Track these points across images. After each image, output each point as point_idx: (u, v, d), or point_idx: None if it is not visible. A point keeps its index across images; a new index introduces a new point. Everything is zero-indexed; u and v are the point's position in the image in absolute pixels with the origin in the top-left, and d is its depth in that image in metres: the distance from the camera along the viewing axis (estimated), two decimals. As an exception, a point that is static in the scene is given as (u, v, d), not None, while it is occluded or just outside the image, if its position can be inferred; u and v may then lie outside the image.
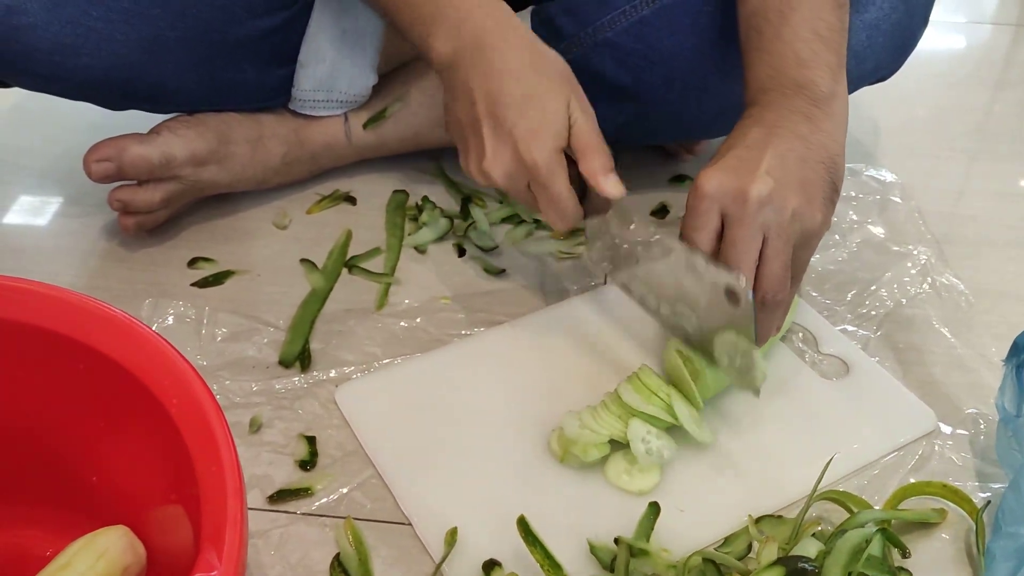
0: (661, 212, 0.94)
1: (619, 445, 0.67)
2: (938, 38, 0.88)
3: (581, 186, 0.72)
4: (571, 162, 0.71)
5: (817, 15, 0.69)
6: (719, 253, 0.65)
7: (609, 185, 0.69)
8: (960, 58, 1.29)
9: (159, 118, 0.88)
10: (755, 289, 0.64)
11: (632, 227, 0.72)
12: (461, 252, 0.89)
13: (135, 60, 0.80)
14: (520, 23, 0.74)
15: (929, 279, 0.85)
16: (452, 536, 0.63)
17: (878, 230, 0.91)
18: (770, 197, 0.62)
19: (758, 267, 0.63)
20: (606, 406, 0.67)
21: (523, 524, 0.62)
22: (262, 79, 0.88)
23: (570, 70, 0.73)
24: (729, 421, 0.71)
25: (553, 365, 0.75)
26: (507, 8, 0.74)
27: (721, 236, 0.64)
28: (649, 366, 0.69)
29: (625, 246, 0.73)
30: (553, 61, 0.73)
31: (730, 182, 0.63)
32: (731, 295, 0.64)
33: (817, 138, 0.66)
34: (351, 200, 0.95)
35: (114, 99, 0.85)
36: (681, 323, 0.70)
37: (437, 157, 0.98)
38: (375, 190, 0.95)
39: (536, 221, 0.92)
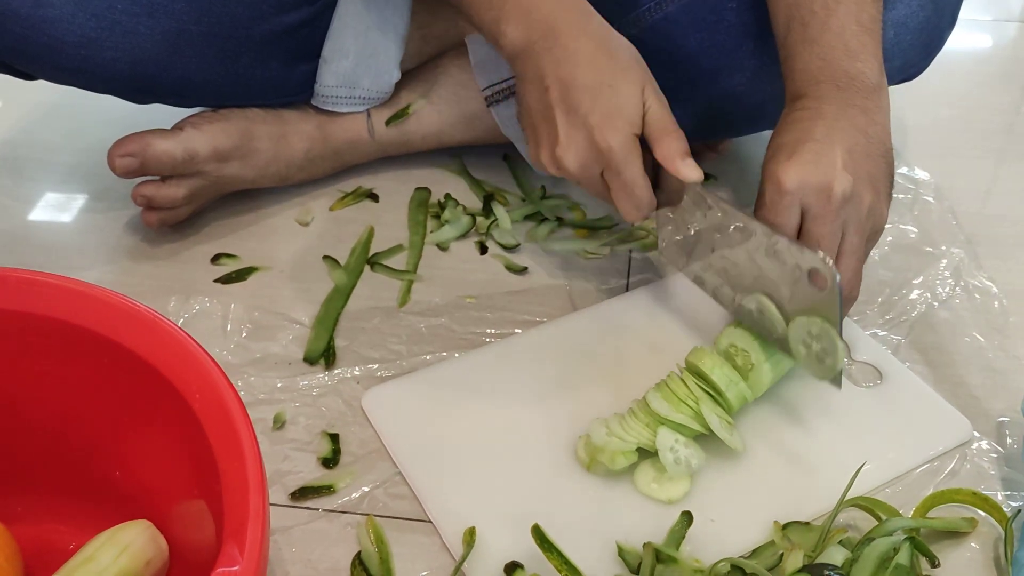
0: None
1: (647, 453, 0.66)
2: (965, 36, 0.87)
3: (653, 175, 0.71)
4: (645, 150, 0.71)
5: (861, 7, 0.69)
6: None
7: (687, 168, 0.69)
8: (987, 57, 1.28)
9: (183, 113, 0.88)
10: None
11: (710, 211, 0.70)
12: (483, 250, 0.88)
13: (159, 54, 0.80)
14: (592, 10, 0.74)
15: (962, 281, 0.84)
16: (470, 536, 0.62)
17: (910, 230, 0.90)
18: (852, 193, 0.64)
19: (835, 262, 0.64)
20: (634, 414, 0.67)
21: (538, 532, 0.61)
22: (286, 75, 0.88)
23: (641, 57, 0.73)
24: (761, 429, 0.70)
25: (581, 370, 0.74)
26: None
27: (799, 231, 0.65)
28: (678, 372, 0.68)
29: (700, 234, 0.72)
30: (625, 48, 0.73)
31: (813, 177, 0.64)
32: (816, 277, 0.64)
33: (875, 132, 0.67)
34: (374, 197, 0.94)
35: (139, 93, 0.85)
36: (757, 312, 0.69)
37: (459, 154, 0.98)
38: (398, 187, 0.95)
39: (559, 219, 0.91)
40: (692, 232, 0.73)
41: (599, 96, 0.69)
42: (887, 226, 0.88)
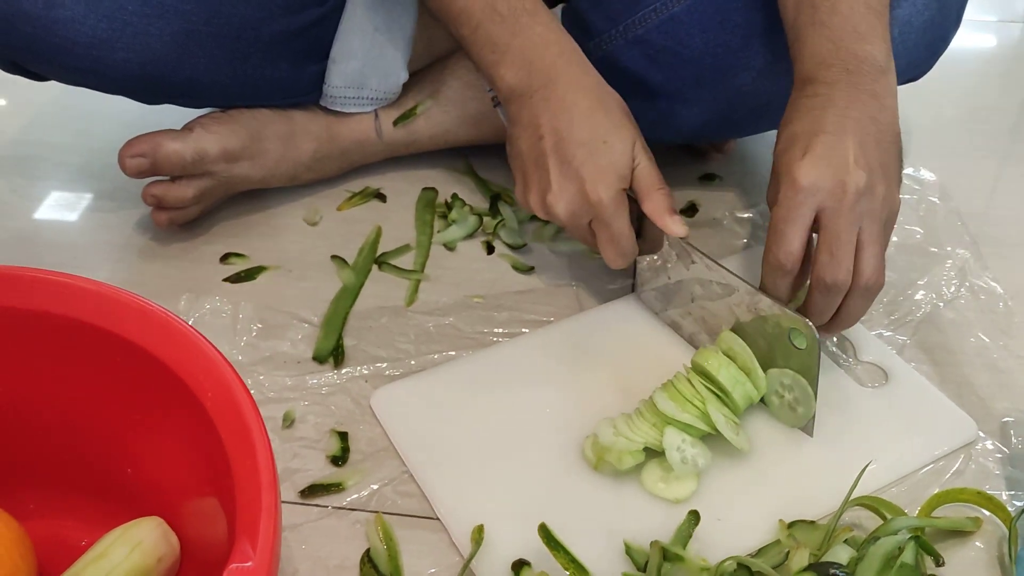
0: (690, 211, 0.94)
1: (654, 453, 0.66)
2: (969, 37, 0.87)
3: (636, 224, 0.75)
4: (630, 201, 0.74)
5: None
6: (814, 246, 0.66)
7: (674, 225, 0.73)
8: (991, 57, 1.28)
9: (192, 114, 0.89)
10: (855, 276, 0.66)
11: (693, 265, 0.74)
12: (490, 249, 0.89)
13: (170, 55, 0.80)
14: (590, 65, 0.77)
15: (967, 282, 0.84)
16: (479, 533, 0.63)
17: (916, 231, 0.90)
18: (866, 187, 0.65)
19: (856, 254, 0.65)
20: (641, 413, 0.67)
21: (544, 531, 0.62)
22: (295, 75, 0.89)
23: (631, 113, 0.76)
24: (767, 429, 0.70)
25: (588, 370, 0.75)
26: (576, 47, 0.77)
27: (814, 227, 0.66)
28: (684, 372, 0.69)
29: (681, 284, 0.75)
30: (618, 104, 0.76)
31: (827, 175, 0.65)
32: (798, 336, 0.66)
33: (885, 117, 0.68)
34: (381, 197, 0.95)
35: (149, 94, 0.86)
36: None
37: (467, 155, 0.98)
38: (405, 187, 0.96)
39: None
40: (673, 281, 0.76)
41: (593, 151, 0.72)
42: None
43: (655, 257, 0.77)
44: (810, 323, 0.65)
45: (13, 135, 1.05)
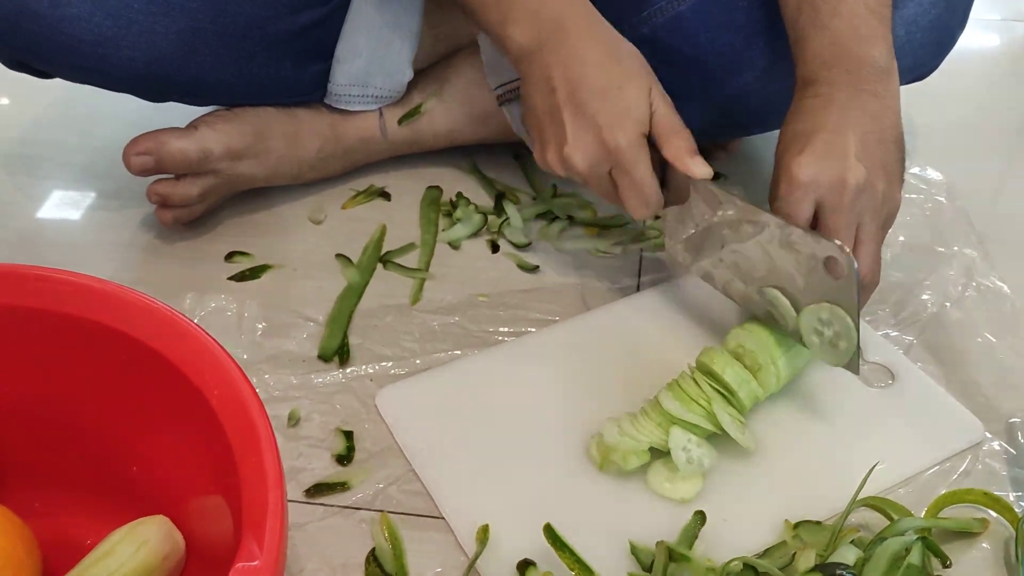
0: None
1: (660, 452, 0.66)
2: (973, 36, 0.87)
3: (660, 174, 0.72)
4: (651, 150, 0.72)
5: None
6: None
7: (697, 166, 0.71)
8: (996, 56, 1.28)
9: (197, 112, 0.89)
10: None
11: (721, 207, 0.71)
12: (495, 248, 0.89)
13: (175, 53, 0.80)
14: (598, 14, 0.75)
15: (974, 282, 0.84)
16: (484, 533, 0.63)
17: (923, 231, 0.90)
18: (865, 184, 0.64)
19: (853, 251, 0.65)
20: (646, 413, 0.67)
21: (550, 531, 0.62)
22: (299, 74, 0.89)
23: (646, 61, 0.74)
24: (773, 429, 0.70)
25: (594, 369, 0.75)
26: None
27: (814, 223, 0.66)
28: (689, 372, 0.69)
29: (710, 230, 0.73)
30: (631, 52, 0.74)
31: (826, 170, 0.65)
32: (832, 265, 0.64)
33: (887, 117, 0.68)
34: (385, 196, 0.95)
35: (154, 92, 0.86)
36: (769, 305, 0.69)
37: (471, 153, 0.98)
38: (409, 186, 0.96)
39: (570, 218, 0.91)
40: (701, 228, 0.74)
41: (607, 97, 0.70)
42: (899, 227, 0.89)
43: (681, 209, 0.74)
44: (847, 249, 0.63)
45: (17, 133, 1.05)
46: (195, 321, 0.56)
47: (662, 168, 0.73)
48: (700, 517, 0.63)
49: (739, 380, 0.67)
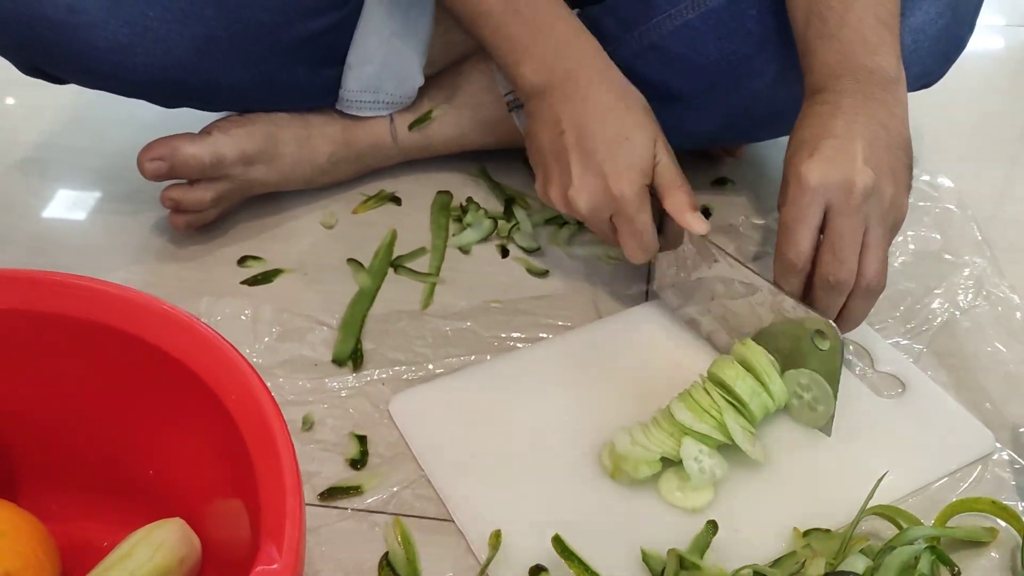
0: (703, 214, 0.94)
1: (671, 462, 0.66)
2: (977, 41, 0.87)
3: (657, 220, 0.75)
4: (651, 197, 0.74)
5: (878, 1, 0.71)
6: (820, 245, 0.67)
7: (696, 223, 0.73)
8: (1001, 62, 1.28)
9: (209, 117, 0.89)
10: (857, 276, 0.66)
11: (715, 263, 0.74)
12: (505, 253, 0.89)
13: (189, 60, 0.81)
14: (609, 60, 0.78)
15: (984, 291, 0.84)
16: (496, 539, 0.63)
17: (933, 239, 0.90)
18: (873, 188, 0.65)
19: (860, 255, 0.66)
20: (658, 423, 0.67)
21: (558, 541, 0.62)
22: (312, 80, 0.89)
23: (651, 111, 0.77)
24: (784, 439, 0.70)
25: (607, 377, 0.75)
26: (597, 44, 0.78)
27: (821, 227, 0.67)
28: (700, 382, 0.69)
29: (702, 281, 0.75)
30: (639, 101, 0.77)
31: (835, 174, 0.65)
32: (821, 338, 0.66)
33: (895, 125, 0.68)
34: (396, 200, 0.95)
35: (168, 98, 0.86)
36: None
37: (481, 158, 0.99)
38: (420, 191, 0.96)
39: (579, 223, 0.92)
40: (693, 278, 0.76)
41: (616, 148, 0.73)
42: (909, 234, 0.90)
43: (674, 254, 0.77)
44: (834, 324, 0.65)
45: (31, 138, 1.05)
46: (211, 325, 0.56)
47: (659, 214, 0.75)
48: (712, 526, 0.64)
49: (750, 392, 0.67)
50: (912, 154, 0.70)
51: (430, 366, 0.77)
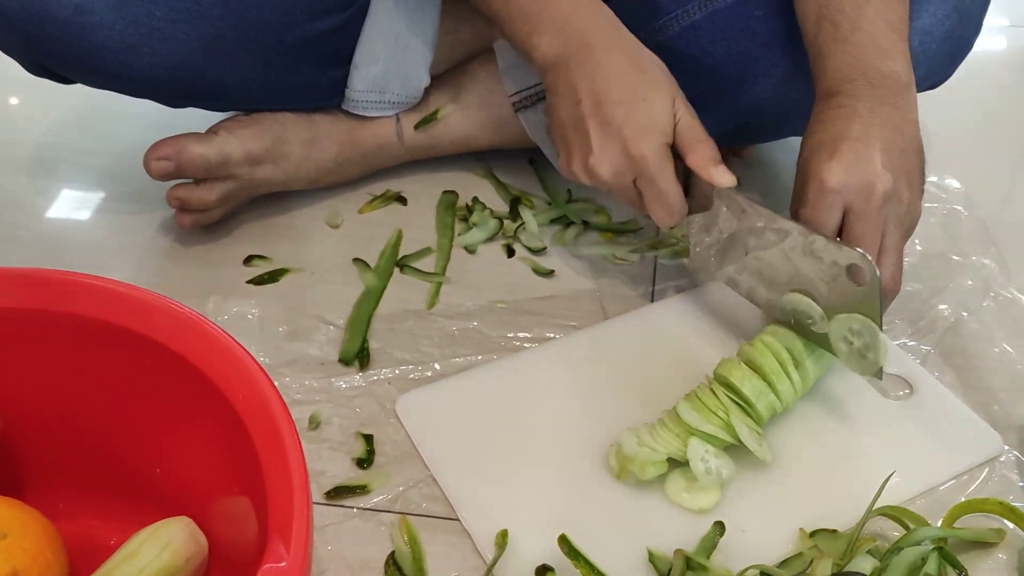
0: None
1: (677, 463, 0.66)
2: (981, 41, 0.87)
3: (684, 181, 0.74)
4: (674, 159, 0.73)
5: (888, 6, 0.71)
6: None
7: (720, 175, 0.72)
8: (1005, 62, 1.27)
9: (215, 117, 0.90)
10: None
11: (744, 215, 0.72)
12: (510, 253, 0.89)
13: (196, 60, 0.81)
14: (622, 25, 0.76)
15: (991, 292, 0.84)
16: (503, 538, 0.63)
17: (940, 240, 0.90)
18: (892, 191, 0.66)
19: (877, 258, 0.66)
20: (664, 424, 0.67)
21: (565, 541, 0.62)
22: (318, 80, 0.89)
23: (669, 71, 0.76)
24: (791, 440, 0.70)
25: (613, 378, 0.75)
26: (608, 10, 0.77)
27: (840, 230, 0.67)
28: (707, 383, 0.69)
29: (733, 237, 0.74)
30: (655, 62, 0.75)
31: (856, 176, 0.65)
32: (855, 273, 0.65)
33: (908, 129, 0.69)
34: (402, 200, 0.95)
35: (175, 98, 0.86)
36: (794, 311, 0.69)
37: (486, 158, 0.99)
38: (426, 190, 0.96)
39: (585, 223, 0.92)
40: (724, 236, 0.75)
41: (632, 109, 0.72)
42: (916, 235, 0.89)
43: (704, 217, 0.75)
44: (869, 256, 0.64)
45: (38, 137, 1.06)
46: (218, 324, 0.56)
47: (686, 176, 0.74)
48: (719, 527, 0.63)
49: (757, 392, 0.67)
50: (924, 158, 0.70)
51: (436, 366, 0.77)
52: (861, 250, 0.64)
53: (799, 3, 0.75)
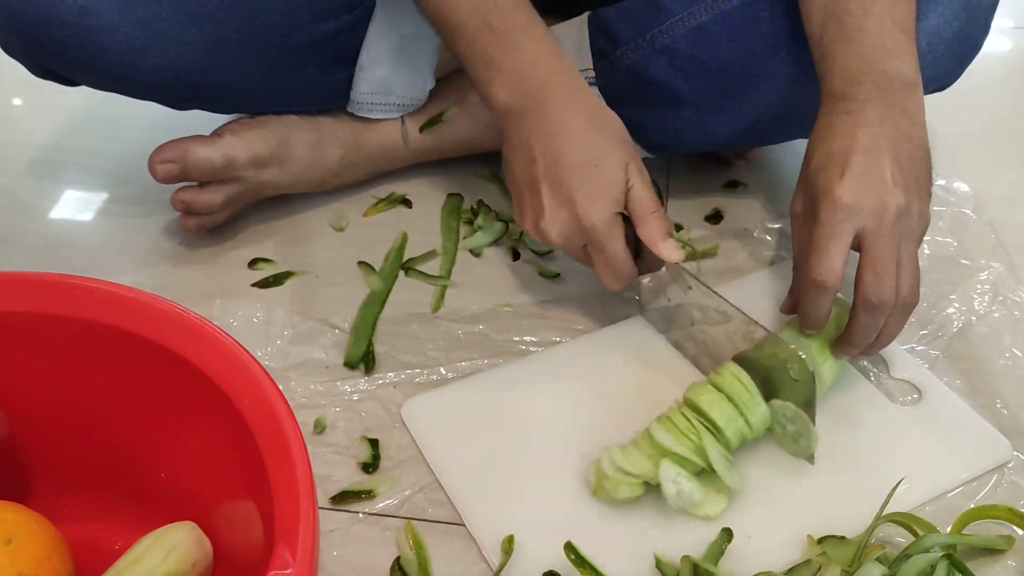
0: (715, 218, 0.94)
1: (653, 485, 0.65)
2: (986, 43, 0.87)
3: (635, 245, 0.74)
4: (626, 222, 0.73)
5: (895, 5, 0.71)
6: (857, 263, 0.66)
7: (668, 250, 0.72)
8: (1010, 64, 1.27)
9: (219, 119, 0.89)
10: (895, 294, 0.65)
11: (690, 291, 0.73)
12: (516, 255, 0.89)
13: (202, 62, 0.81)
14: (583, 82, 0.76)
15: (1000, 296, 0.83)
16: (509, 544, 0.63)
17: (949, 243, 0.89)
18: (905, 206, 0.65)
19: (897, 271, 0.66)
20: (638, 444, 0.66)
21: (570, 548, 0.62)
22: (323, 82, 0.89)
23: (626, 131, 0.75)
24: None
25: (618, 383, 0.75)
26: (571, 65, 0.76)
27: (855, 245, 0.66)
28: (676, 406, 0.68)
29: (681, 307, 0.75)
30: (611, 122, 0.75)
31: (869, 194, 0.65)
32: (792, 368, 0.65)
33: (916, 133, 0.68)
34: (407, 203, 0.95)
35: (180, 100, 0.86)
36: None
37: (492, 161, 0.98)
38: (431, 193, 0.96)
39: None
40: (673, 304, 0.76)
41: (585, 175, 0.71)
42: (924, 239, 0.89)
43: (657, 277, 0.76)
44: (803, 355, 0.65)
45: (42, 140, 1.05)
46: (223, 328, 0.56)
47: (637, 240, 0.74)
48: (727, 533, 0.63)
49: (726, 418, 0.65)
50: (931, 161, 0.70)
51: (442, 369, 0.76)
52: (798, 350, 0.65)
53: (804, 3, 0.75)
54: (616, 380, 0.75)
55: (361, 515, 0.66)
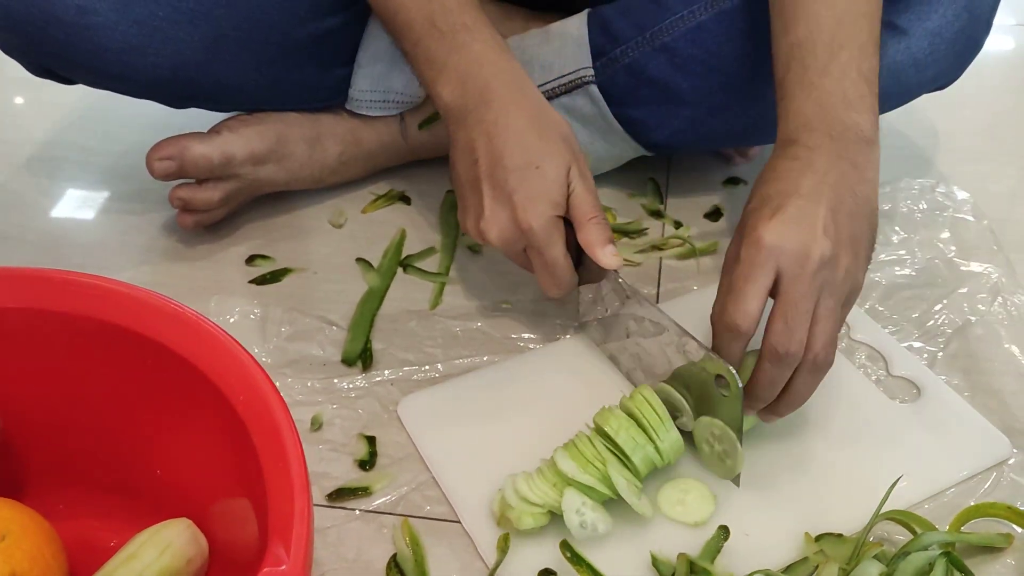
0: (714, 215, 0.94)
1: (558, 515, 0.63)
2: (988, 41, 0.86)
3: (577, 252, 0.72)
4: (569, 228, 0.72)
5: (862, 56, 0.68)
6: (771, 309, 0.62)
7: (606, 256, 0.70)
8: (1012, 62, 1.26)
9: (217, 116, 0.89)
10: (806, 349, 0.61)
11: (627, 300, 0.72)
12: (515, 254, 0.89)
13: (199, 60, 0.81)
14: (529, 81, 0.75)
15: (999, 297, 0.83)
16: (504, 542, 0.63)
17: (948, 246, 0.88)
18: (830, 258, 0.61)
19: (809, 327, 0.61)
20: (542, 473, 0.64)
21: (566, 546, 0.62)
22: (321, 79, 0.89)
23: (573, 134, 0.74)
24: (797, 443, 0.69)
25: (619, 379, 0.75)
26: (517, 66, 0.75)
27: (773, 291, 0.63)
28: (585, 432, 0.66)
29: (618, 318, 0.73)
30: (557, 124, 0.73)
31: (792, 239, 0.61)
32: (721, 383, 0.63)
33: (862, 190, 0.65)
34: (406, 200, 0.95)
35: (178, 98, 0.86)
36: (667, 402, 0.67)
37: (491, 159, 0.98)
38: (429, 190, 0.96)
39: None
40: (609, 314, 0.75)
41: (524, 177, 0.70)
42: (924, 243, 0.89)
43: (596, 287, 0.75)
44: (734, 371, 0.62)
45: (40, 137, 1.05)
46: (220, 325, 0.56)
47: (579, 247, 0.72)
48: (723, 532, 0.63)
49: (633, 444, 0.63)
50: (877, 222, 0.67)
51: (440, 366, 0.76)
52: (728, 364, 0.62)
53: (774, 41, 0.72)
54: (616, 376, 0.75)
55: (358, 512, 0.66)
